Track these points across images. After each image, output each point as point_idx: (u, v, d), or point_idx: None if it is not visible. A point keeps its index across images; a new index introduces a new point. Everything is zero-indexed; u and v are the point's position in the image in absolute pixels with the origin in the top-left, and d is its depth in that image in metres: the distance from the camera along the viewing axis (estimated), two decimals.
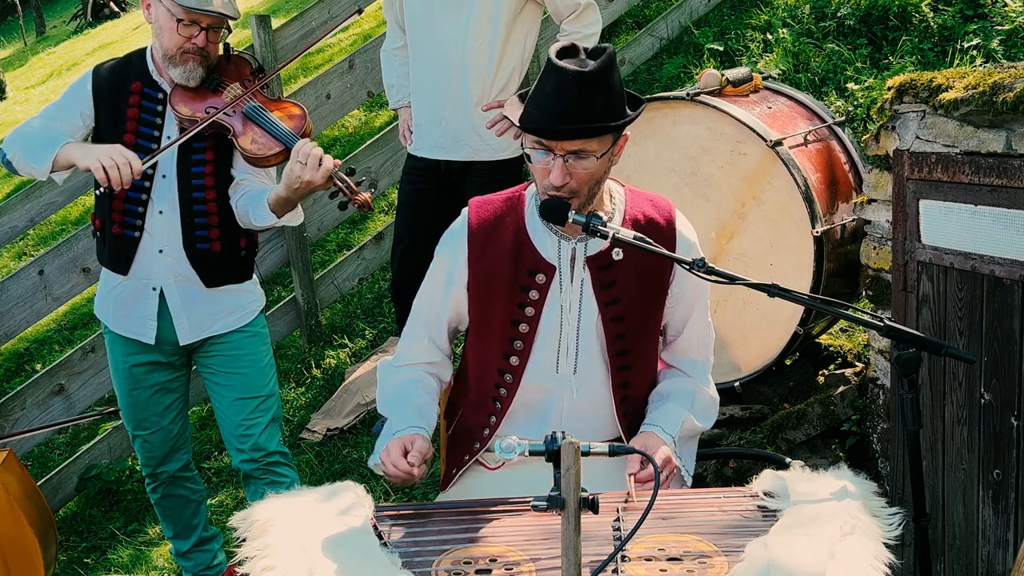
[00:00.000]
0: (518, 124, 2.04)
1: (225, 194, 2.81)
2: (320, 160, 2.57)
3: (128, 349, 2.90)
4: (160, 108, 2.76)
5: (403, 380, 2.22)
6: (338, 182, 2.63)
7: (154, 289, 2.82)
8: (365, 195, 2.67)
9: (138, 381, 2.91)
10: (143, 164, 2.61)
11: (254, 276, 2.99)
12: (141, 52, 2.83)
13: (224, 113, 2.72)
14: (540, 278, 2.12)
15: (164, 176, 2.75)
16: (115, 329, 2.89)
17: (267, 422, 2.91)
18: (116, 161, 2.54)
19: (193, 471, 3.11)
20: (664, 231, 2.15)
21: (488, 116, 3.33)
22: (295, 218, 2.82)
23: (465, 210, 2.20)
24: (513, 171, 3.49)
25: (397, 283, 3.68)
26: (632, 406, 2.21)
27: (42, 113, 2.80)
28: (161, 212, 2.77)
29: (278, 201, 2.68)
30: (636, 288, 2.14)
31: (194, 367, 3.02)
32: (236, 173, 2.81)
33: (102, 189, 2.60)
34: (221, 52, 2.82)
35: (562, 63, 1.96)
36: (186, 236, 2.78)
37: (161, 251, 2.78)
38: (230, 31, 2.79)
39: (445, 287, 2.19)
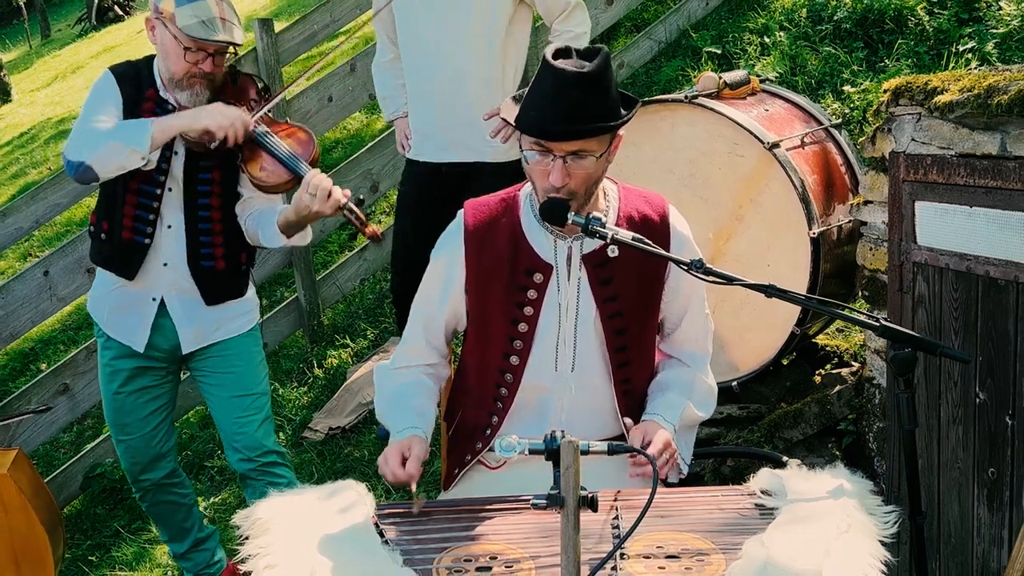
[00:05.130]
0: (515, 125, 2.04)
1: (230, 211, 2.82)
2: (329, 193, 2.59)
3: (117, 352, 2.90)
4: None
5: (400, 383, 2.23)
6: (347, 214, 2.65)
7: (154, 299, 2.83)
8: (375, 227, 2.69)
9: (123, 384, 2.91)
10: (252, 118, 2.69)
11: (252, 288, 3.01)
12: (149, 64, 2.82)
13: None
14: (538, 277, 2.13)
15: (171, 189, 2.76)
16: (107, 331, 2.90)
17: (261, 420, 2.92)
18: (231, 119, 2.64)
19: (180, 477, 3.10)
20: (658, 226, 2.16)
21: (491, 124, 3.34)
22: (304, 238, 2.83)
23: (461, 212, 2.21)
24: (517, 173, 3.50)
25: (399, 289, 3.68)
26: (634, 401, 2.22)
27: (84, 117, 2.72)
28: (170, 227, 2.78)
29: (287, 224, 2.70)
30: (633, 284, 2.15)
31: (187, 373, 3.03)
32: (243, 191, 2.83)
33: (214, 144, 2.66)
34: (227, 71, 2.82)
35: (559, 64, 1.97)
36: (191, 253, 2.79)
37: (166, 264, 2.80)
38: (236, 55, 2.79)
39: (443, 289, 2.20)
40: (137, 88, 2.76)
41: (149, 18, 2.74)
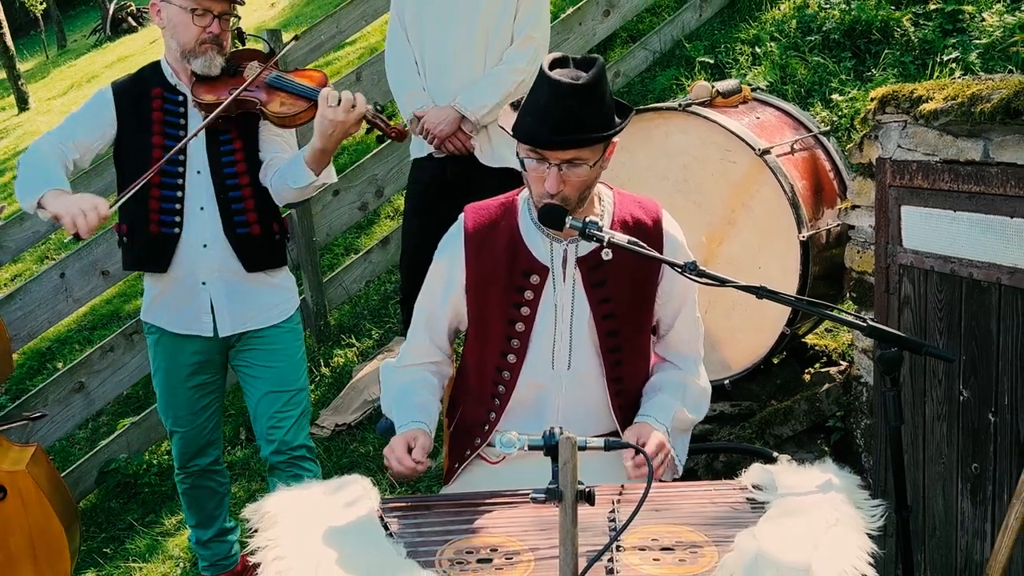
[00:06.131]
0: (512, 133, 2.09)
1: (256, 179, 2.87)
2: (353, 102, 2.64)
3: (174, 349, 2.96)
4: (182, 110, 2.84)
5: (406, 380, 2.30)
6: (372, 119, 2.71)
7: (203, 283, 2.88)
8: (399, 125, 2.74)
9: (180, 382, 2.99)
10: (110, 206, 2.66)
11: (288, 272, 3.06)
12: (155, 64, 2.92)
13: (247, 89, 2.78)
14: (534, 279, 2.18)
15: (199, 172, 2.83)
16: (172, 328, 2.94)
17: (297, 416, 2.98)
18: (82, 208, 2.58)
19: (221, 465, 3.19)
20: (652, 231, 2.21)
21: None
22: (330, 175, 2.86)
23: (462, 215, 2.27)
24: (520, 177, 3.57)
25: (407, 291, 3.71)
26: (626, 400, 2.26)
27: (60, 127, 2.86)
28: (202, 208, 2.84)
29: (314, 155, 2.73)
30: (626, 286, 2.19)
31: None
32: (264, 155, 2.88)
33: (70, 236, 2.64)
34: (235, 39, 2.90)
35: (555, 75, 2.01)
36: (226, 224, 2.85)
37: (205, 246, 2.86)
38: (239, 17, 2.87)
39: (444, 291, 2.26)
40: (141, 93, 2.85)
41: (154, 3, 2.83)
